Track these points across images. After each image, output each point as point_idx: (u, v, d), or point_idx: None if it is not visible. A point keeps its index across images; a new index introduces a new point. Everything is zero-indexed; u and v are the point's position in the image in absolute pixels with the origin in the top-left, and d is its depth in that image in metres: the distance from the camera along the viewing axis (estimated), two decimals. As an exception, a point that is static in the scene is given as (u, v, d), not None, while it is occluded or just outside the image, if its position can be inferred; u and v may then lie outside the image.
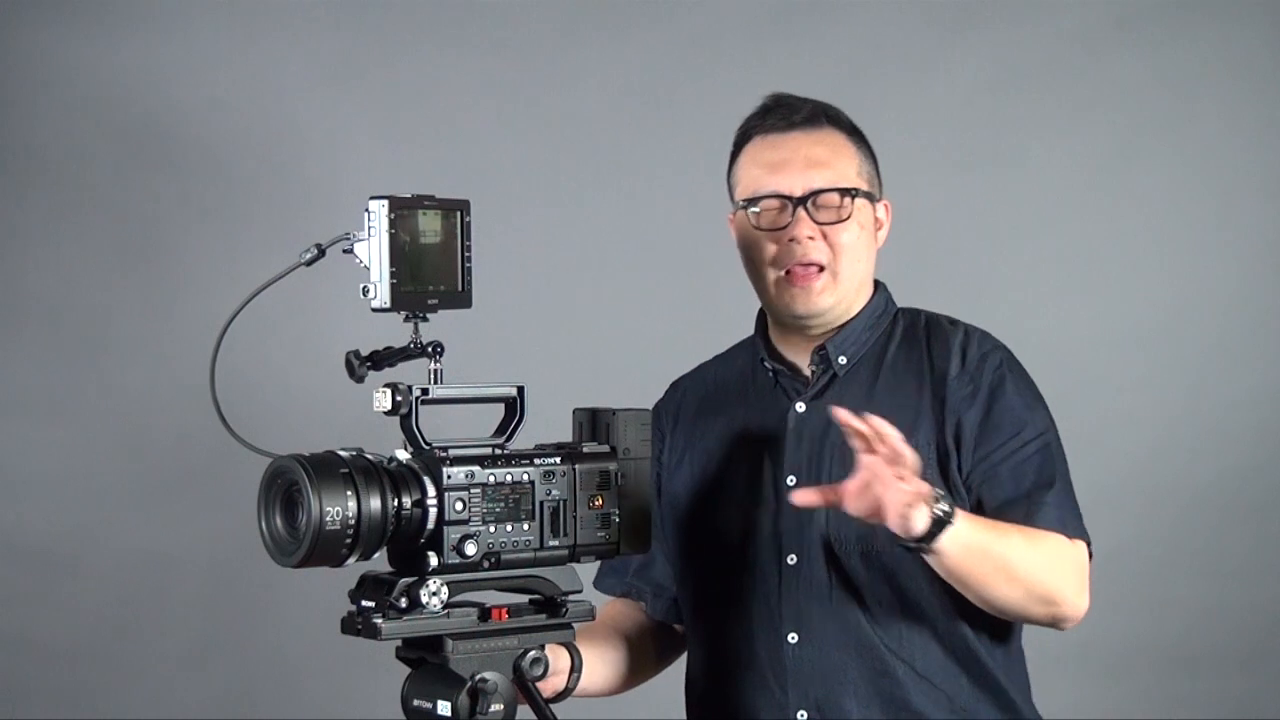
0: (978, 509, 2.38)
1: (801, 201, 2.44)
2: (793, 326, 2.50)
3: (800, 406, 2.48)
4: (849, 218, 2.45)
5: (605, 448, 2.22)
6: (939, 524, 2.21)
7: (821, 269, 2.44)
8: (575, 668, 2.30)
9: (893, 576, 2.39)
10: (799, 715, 2.41)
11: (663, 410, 2.63)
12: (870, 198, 2.49)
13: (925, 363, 2.46)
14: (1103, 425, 4.08)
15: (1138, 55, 4.17)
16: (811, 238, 2.43)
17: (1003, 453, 2.39)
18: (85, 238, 4.09)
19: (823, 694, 2.40)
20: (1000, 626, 2.43)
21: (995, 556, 2.29)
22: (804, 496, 2.27)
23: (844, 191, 2.45)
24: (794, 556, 2.42)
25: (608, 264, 4.17)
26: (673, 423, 2.61)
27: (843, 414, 2.21)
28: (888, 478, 2.18)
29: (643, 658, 2.60)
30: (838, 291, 2.45)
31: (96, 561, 4.07)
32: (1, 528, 4.05)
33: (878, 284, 2.55)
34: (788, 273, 2.44)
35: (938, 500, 2.22)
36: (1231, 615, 4.15)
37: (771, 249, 2.45)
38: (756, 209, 2.46)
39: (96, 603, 4.07)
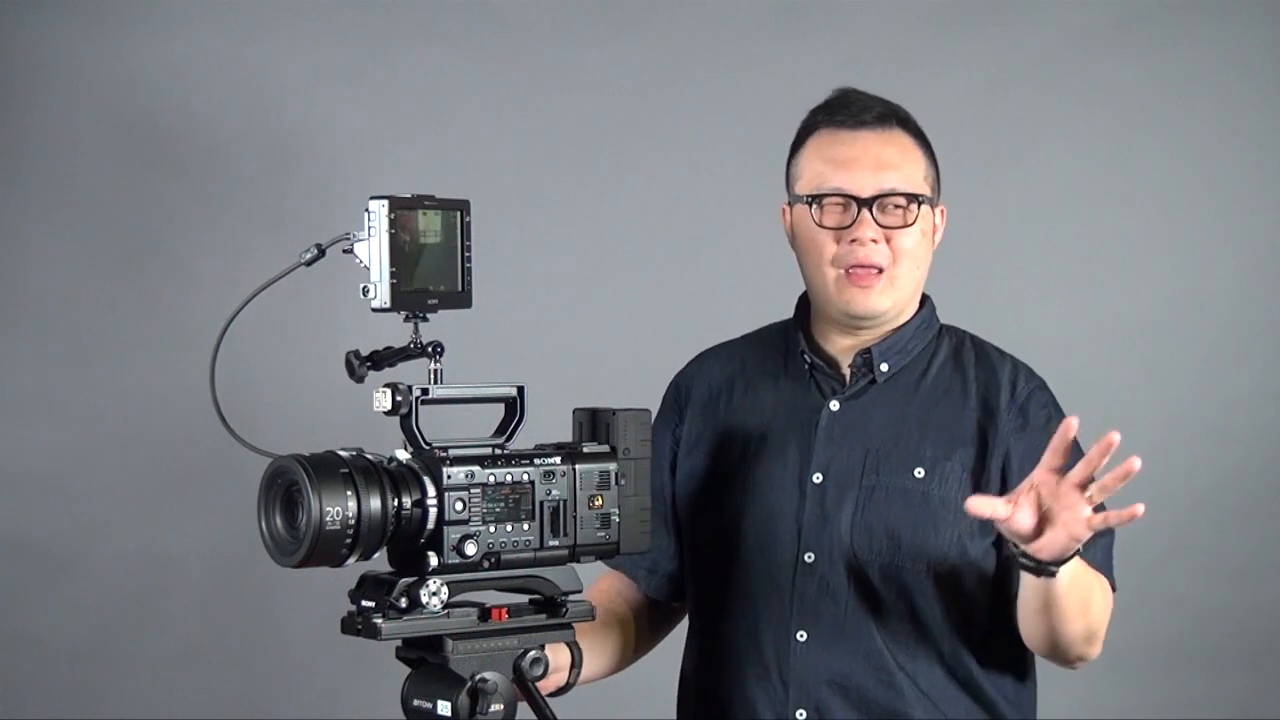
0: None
1: (868, 203, 2.41)
2: (840, 323, 2.48)
3: (835, 405, 2.45)
4: (913, 223, 2.43)
5: (605, 448, 2.22)
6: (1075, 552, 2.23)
7: (880, 271, 2.42)
8: (575, 663, 2.29)
9: (909, 594, 2.38)
10: (798, 714, 2.40)
11: (684, 383, 2.60)
12: (932, 204, 2.48)
13: (972, 388, 2.44)
14: (1103, 425, 4.06)
15: (1137, 55, 4.17)
16: (874, 240, 2.41)
17: None
18: (85, 238, 4.09)
19: (824, 696, 2.39)
20: (1012, 660, 2.43)
21: (1083, 590, 2.32)
22: (980, 505, 2.17)
23: (911, 197, 2.43)
24: (811, 555, 2.40)
25: (608, 264, 4.17)
26: (695, 397, 2.58)
27: (1073, 423, 2.18)
28: (1075, 502, 2.16)
29: (637, 635, 2.58)
30: (894, 295, 2.43)
31: (96, 561, 4.07)
32: (1, 528, 4.05)
33: (925, 297, 2.54)
34: (847, 271, 2.43)
35: None
36: (1232, 615, 4.15)
37: (832, 248, 2.42)
38: (820, 206, 2.44)
39: (96, 602, 4.07)
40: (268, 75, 4.14)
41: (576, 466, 2.19)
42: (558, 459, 2.18)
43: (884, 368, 2.45)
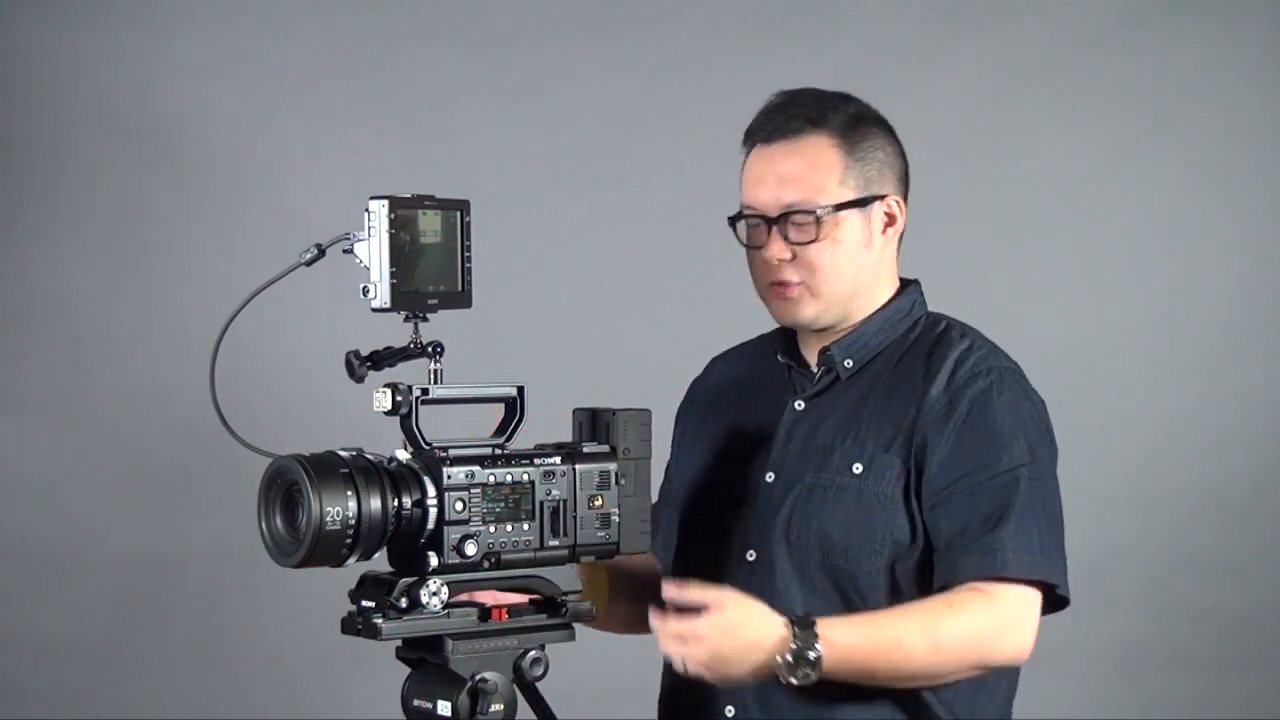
0: (937, 540, 2.32)
1: (773, 222, 2.40)
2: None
3: (799, 404, 2.46)
4: (819, 238, 2.38)
5: (605, 448, 2.22)
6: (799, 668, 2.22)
7: (799, 284, 2.40)
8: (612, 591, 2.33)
9: (845, 590, 2.35)
10: (727, 710, 2.40)
11: (694, 387, 2.62)
12: (862, 203, 2.41)
13: (920, 374, 2.39)
14: (1103, 426, 4.08)
15: (1138, 55, 4.18)
16: (782, 259, 2.39)
17: (965, 484, 2.31)
18: (85, 238, 4.09)
19: (752, 693, 2.38)
20: None
21: (881, 673, 2.26)
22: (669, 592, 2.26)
23: (811, 212, 2.38)
24: (753, 553, 2.40)
25: (608, 264, 4.18)
26: (697, 399, 2.58)
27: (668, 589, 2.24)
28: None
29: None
30: (818, 305, 2.41)
31: (96, 561, 4.07)
32: (1, 528, 4.05)
33: (908, 284, 2.50)
34: (769, 284, 2.43)
35: (792, 669, 2.21)
36: (1231, 615, 4.15)
37: (756, 264, 2.44)
38: (742, 225, 2.45)
39: (96, 603, 4.07)
40: (267, 75, 4.14)
41: (576, 466, 2.19)
42: (558, 459, 2.18)
43: (848, 364, 2.43)
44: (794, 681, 2.21)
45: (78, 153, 4.09)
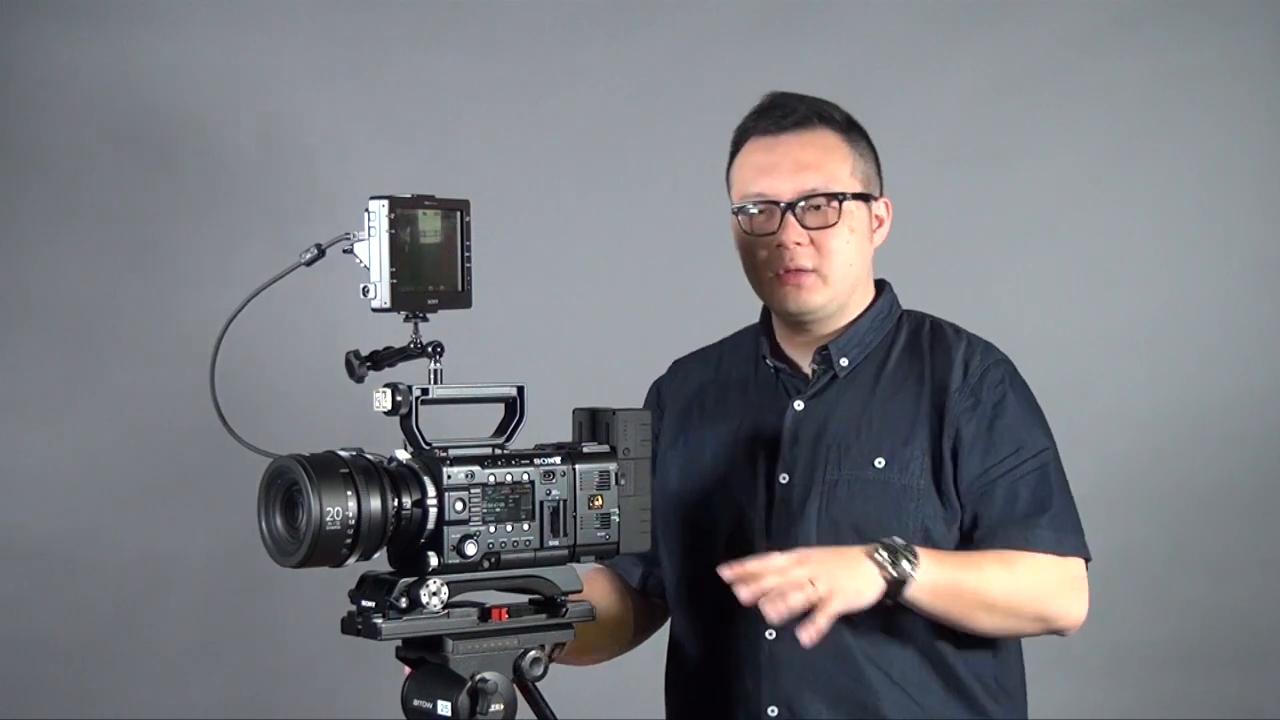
0: (972, 524, 2.39)
1: (790, 207, 2.43)
2: (794, 324, 2.50)
3: (799, 405, 2.47)
4: (838, 222, 2.44)
5: (605, 448, 2.23)
6: (897, 584, 2.26)
7: (812, 270, 2.44)
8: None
9: None
10: (769, 711, 2.41)
11: (663, 388, 2.63)
12: (866, 198, 2.48)
13: (926, 370, 2.45)
14: (1102, 425, 4.07)
15: (1138, 55, 4.17)
16: (799, 243, 2.43)
17: (999, 470, 2.39)
18: (85, 238, 4.09)
19: (794, 693, 2.40)
20: (985, 638, 2.43)
21: (967, 593, 2.32)
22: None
23: (832, 196, 2.44)
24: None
25: (608, 264, 4.17)
26: (670, 406, 2.59)
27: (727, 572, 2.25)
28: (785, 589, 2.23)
29: (621, 628, 2.59)
30: (828, 292, 2.45)
31: (96, 561, 4.07)
32: (1, 528, 4.05)
33: (882, 285, 2.55)
34: (779, 274, 2.44)
35: (894, 560, 2.26)
36: (1231, 615, 4.15)
37: (763, 254, 2.45)
38: (748, 214, 2.46)
39: (96, 603, 4.07)
40: (267, 76, 4.14)
41: (576, 466, 2.19)
42: (558, 459, 2.18)
43: (844, 363, 2.47)
44: (902, 571, 2.25)
45: (77, 152, 4.09)
